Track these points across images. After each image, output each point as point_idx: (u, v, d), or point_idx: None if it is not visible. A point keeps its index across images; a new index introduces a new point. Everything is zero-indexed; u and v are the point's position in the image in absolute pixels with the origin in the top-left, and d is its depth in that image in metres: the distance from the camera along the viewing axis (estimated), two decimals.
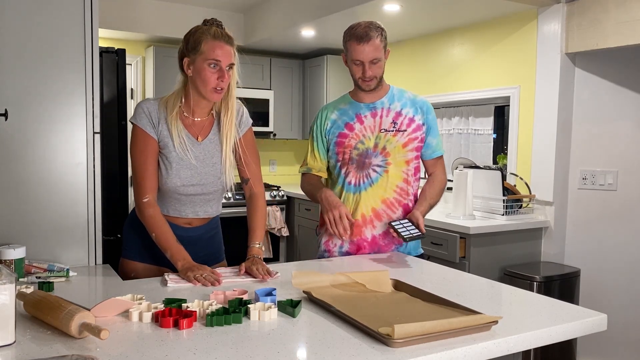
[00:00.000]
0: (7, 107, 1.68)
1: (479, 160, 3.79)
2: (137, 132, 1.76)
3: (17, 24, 1.70)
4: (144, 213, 1.74)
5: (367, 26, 1.96)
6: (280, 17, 4.32)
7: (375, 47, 1.96)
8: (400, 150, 2.06)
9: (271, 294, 1.39)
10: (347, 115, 2.10)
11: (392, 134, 2.06)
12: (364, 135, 2.07)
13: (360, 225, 2.06)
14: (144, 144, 1.75)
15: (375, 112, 2.08)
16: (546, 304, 1.45)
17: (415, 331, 1.11)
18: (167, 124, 1.75)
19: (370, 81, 2.02)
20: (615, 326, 2.11)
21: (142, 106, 1.77)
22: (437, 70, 4.12)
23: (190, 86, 1.76)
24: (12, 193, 1.71)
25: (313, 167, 2.17)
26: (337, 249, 2.11)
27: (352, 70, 2.03)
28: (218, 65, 1.68)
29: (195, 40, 1.70)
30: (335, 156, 2.11)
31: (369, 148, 2.06)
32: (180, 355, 1.06)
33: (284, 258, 4.79)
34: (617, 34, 2.89)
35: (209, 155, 1.80)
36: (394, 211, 2.08)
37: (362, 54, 1.96)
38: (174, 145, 1.75)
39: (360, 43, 1.95)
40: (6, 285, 1.08)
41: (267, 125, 4.95)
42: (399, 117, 2.08)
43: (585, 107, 3.23)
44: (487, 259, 3.12)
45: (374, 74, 2.00)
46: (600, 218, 3.18)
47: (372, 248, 2.09)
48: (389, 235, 2.05)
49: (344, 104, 2.14)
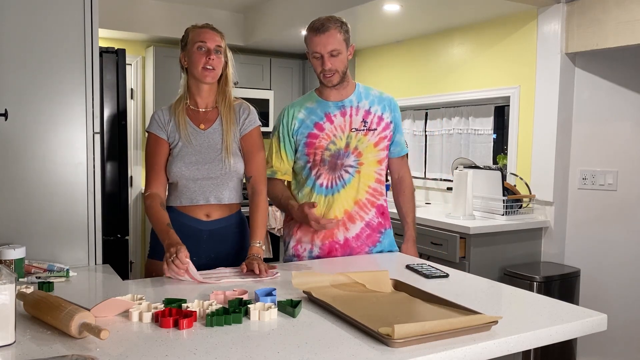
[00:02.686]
0: (7, 107, 1.68)
1: (479, 160, 3.79)
2: (150, 137, 1.92)
3: (17, 24, 1.70)
4: (145, 204, 1.87)
5: (326, 19, 1.96)
6: (280, 17, 4.32)
7: (333, 38, 1.92)
8: (372, 149, 2.03)
9: (271, 294, 1.39)
10: (315, 114, 2.04)
11: (363, 133, 2.02)
12: (334, 135, 2.02)
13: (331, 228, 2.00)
14: (155, 145, 1.90)
15: (344, 110, 2.04)
16: (546, 304, 1.45)
17: (415, 331, 1.11)
18: (175, 118, 1.90)
19: (331, 76, 1.96)
20: (615, 326, 2.11)
21: (153, 116, 1.94)
22: (437, 70, 4.12)
23: (189, 77, 1.92)
24: (12, 193, 1.71)
25: (279, 169, 2.07)
26: (307, 253, 2.05)
27: (313, 65, 1.99)
28: (204, 47, 1.86)
29: (185, 34, 1.92)
30: (305, 157, 2.03)
31: (340, 148, 2.01)
32: (180, 355, 1.06)
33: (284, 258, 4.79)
34: (617, 34, 2.89)
35: (213, 143, 1.90)
36: (367, 212, 2.05)
37: (319, 45, 1.93)
38: (180, 135, 1.88)
39: (317, 34, 1.93)
40: (6, 285, 1.08)
41: (267, 125, 4.94)
42: (369, 115, 2.04)
43: (585, 107, 3.23)
44: (487, 259, 3.12)
45: (334, 67, 1.95)
46: (600, 218, 3.18)
47: (345, 251, 2.04)
48: (362, 237, 2.04)
49: (310, 103, 2.07)
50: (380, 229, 2.10)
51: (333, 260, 2.01)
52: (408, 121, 4.43)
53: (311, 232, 2.03)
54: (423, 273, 1.74)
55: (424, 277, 1.71)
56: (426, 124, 4.33)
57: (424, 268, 1.80)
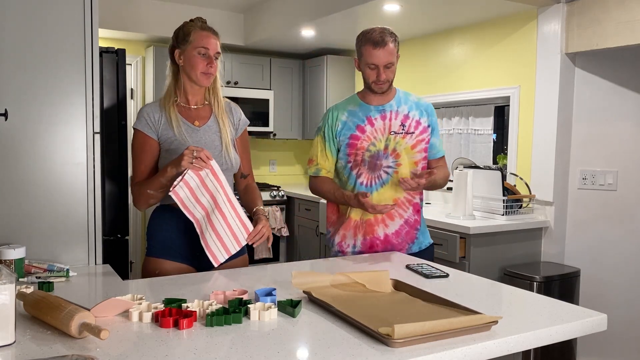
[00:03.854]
0: (7, 107, 1.68)
1: (479, 160, 3.79)
2: (138, 135, 1.89)
3: (17, 24, 1.70)
4: (133, 191, 1.88)
5: (382, 31, 2.05)
6: (280, 17, 4.32)
7: (389, 52, 2.04)
8: (409, 151, 2.14)
9: (271, 294, 1.39)
10: (357, 117, 2.15)
11: (402, 136, 2.13)
12: (375, 137, 2.13)
13: (372, 224, 2.12)
14: (144, 144, 1.87)
15: (384, 114, 2.15)
16: (546, 304, 1.45)
17: (415, 331, 1.11)
18: (166, 114, 1.87)
19: (383, 84, 2.09)
20: (615, 326, 2.11)
21: (142, 112, 1.90)
22: (437, 70, 4.12)
23: (181, 75, 1.91)
24: (12, 193, 1.71)
25: (324, 167, 2.20)
26: (350, 249, 2.16)
27: (366, 73, 2.10)
28: (207, 53, 1.87)
29: (185, 32, 1.90)
30: (347, 157, 2.15)
31: (380, 150, 2.13)
32: (180, 355, 1.06)
33: (284, 258, 4.79)
34: (617, 34, 2.89)
35: (210, 140, 1.91)
36: (405, 210, 2.15)
37: (378, 58, 2.03)
38: (174, 133, 1.85)
39: (376, 48, 2.02)
40: (6, 285, 1.08)
41: (267, 125, 4.94)
42: (407, 119, 2.15)
43: (585, 107, 3.23)
44: (487, 259, 3.12)
45: (388, 77, 2.08)
46: (600, 218, 3.18)
47: (385, 247, 2.14)
48: (401, 234, 2.13)
49: (352, 106, 2.19)
50: (416, 226, 2.19)
51: (333, 260, 2.03)
52: None
53: (354, 229, 2.15)
54: (423, 273, 1.75)
55: (424, 277, 1.72)
56: None
57: (424, 268, 1.81)
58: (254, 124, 4.78)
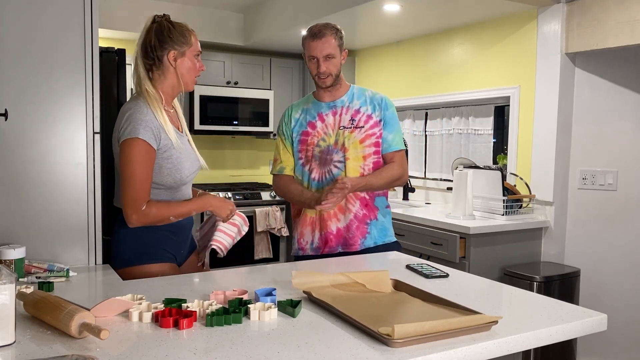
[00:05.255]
0: (7, 107, 1.68)
1: (479, 160, 3.79)
2: (141, 146, 1.71)
3: (17, 24, 1.70)
4: (148, 214, 1.72)
5: (323, 25, 2.13)
6: (280, 17, 4.32)
7: (328, 44, 2.09)
8: (357, 145, 2.16)
9: (271, 294, 1.39)
10: (309, 114, 2.22)
11: (350, 130, 2.17)
12: (325, 133, 2.18)
13: (326, 219, 2.16)
14: (148, 156, 1.73)
15: (335, 110, 2.20)
16: (546, 304, 1.45)
17: (415, 331, 1.11)
18: (160, 120, 1.76)
19: (325, 78, 2.13)
20: (615, 326, 2.11)
21: (144, 119, 1.72)
22: (437, 70, 4.12)
23: (169, 77, 1.81)
24: (12, 193, 1.71)
25: (288, 164, 2.24)
26: (309, 245, 2.21)
27: (309, 67, 2.16)
28: (199, 56, 1.87)
29: (184, 34, 1.82)
30: (298, 154, 2.22)
31: (330, 145, 2.17)
32: (180, 355, 1.06)
33: (284, 258, 4.79)
34: (617, 34, 2.89)
35: (188, 145, 1.91)
36: (353, 204, 2.17)
37: (316, 49, 2.10)
38: (172, 142, 1.77)
39: (314, 39, 2.10)
40: (6, 285, 1.08)
41: (267, 125, 4.94)
42: (357, 114, 2.19)
43: (585, 107, 3.23)
44: (487, 259, 3.12)
45: (328, 70, 2.12)
46: (600, 218, 3.18)
47: (338, 241, 2.17)
48: (352, 228, 2.16)
49: (306, 104, 2.26)
50: (366, 220, 2.19)
51: (333, 260, 2.03)
52: (408, 121, 4.43)
53: (310, 226, 2.19)
54: (423, 273, 1.75)
55: (424, 277, 1.72)
56: (426, 124, 4.33)
57: (424, 268, 1.81)
58: (254, 124, 4.78)
